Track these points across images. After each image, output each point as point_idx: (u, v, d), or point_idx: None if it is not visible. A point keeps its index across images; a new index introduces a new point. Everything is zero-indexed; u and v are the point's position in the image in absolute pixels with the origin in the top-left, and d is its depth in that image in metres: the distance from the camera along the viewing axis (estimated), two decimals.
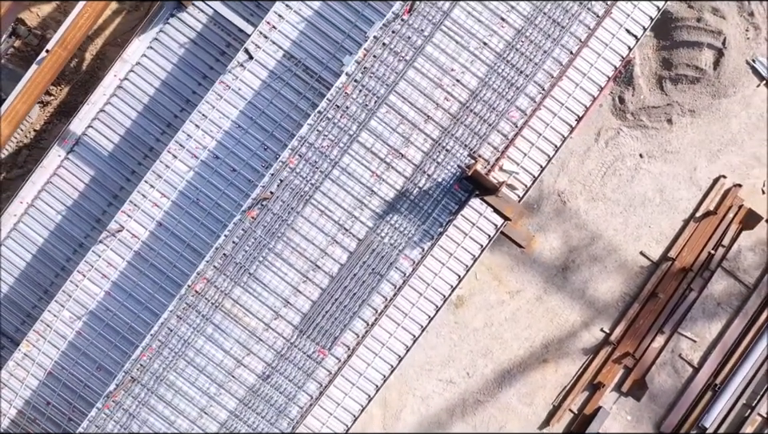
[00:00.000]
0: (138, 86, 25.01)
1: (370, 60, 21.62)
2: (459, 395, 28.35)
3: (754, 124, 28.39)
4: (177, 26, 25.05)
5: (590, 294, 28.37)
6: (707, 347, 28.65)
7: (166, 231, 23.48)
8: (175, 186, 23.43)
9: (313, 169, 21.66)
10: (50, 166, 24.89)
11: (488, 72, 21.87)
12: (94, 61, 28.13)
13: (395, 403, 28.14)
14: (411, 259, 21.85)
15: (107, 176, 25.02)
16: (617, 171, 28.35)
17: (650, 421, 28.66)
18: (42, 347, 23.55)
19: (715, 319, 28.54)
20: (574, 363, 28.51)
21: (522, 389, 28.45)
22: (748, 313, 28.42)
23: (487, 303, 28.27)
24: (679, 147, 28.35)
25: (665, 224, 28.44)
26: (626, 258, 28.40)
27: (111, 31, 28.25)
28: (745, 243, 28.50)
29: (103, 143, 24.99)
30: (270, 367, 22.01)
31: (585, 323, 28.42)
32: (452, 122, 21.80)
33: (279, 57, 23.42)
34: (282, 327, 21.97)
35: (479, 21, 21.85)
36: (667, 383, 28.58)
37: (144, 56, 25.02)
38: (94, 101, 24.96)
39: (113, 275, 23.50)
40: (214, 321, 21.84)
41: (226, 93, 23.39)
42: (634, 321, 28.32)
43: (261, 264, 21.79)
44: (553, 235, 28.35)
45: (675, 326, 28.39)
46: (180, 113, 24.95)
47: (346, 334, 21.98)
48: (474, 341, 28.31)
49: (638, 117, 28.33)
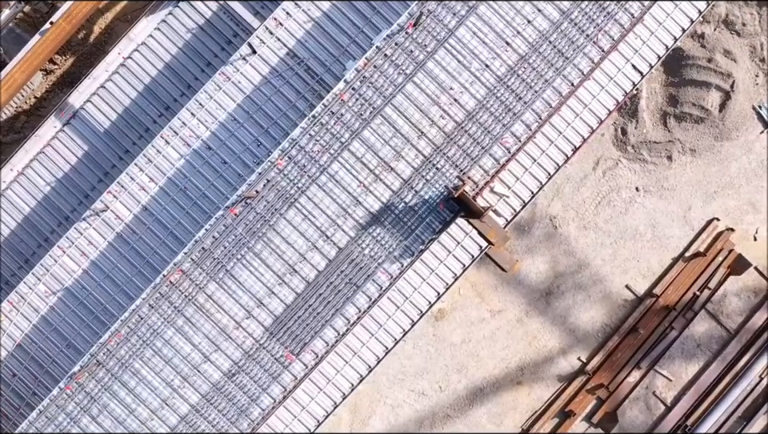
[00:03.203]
0: (141, 65, 24.91)
1: (370, 70, 21.46)
2: (430, 407, 28.28)
3: (753, 170, 28.18)
4: (186, 11, 24.91)
5: (571, 321, 28.24)
6: (682, 388, 28.47)
7: (150, 216, 23.42)
8: (164, 173, 23.36)
9: (301, 172, 21.56)
10: (45, 136, 24.81)
11: (487, 95, 21.70)
12: (101, 34, 28.01)
13: (365, 409, 28.08)
14: (389, 274, 21.74)
15: (100, 153, 24.95)
16: (611, 202, 28.18)
17: None
18: (14, 319, 23.52)
19: (693, 360, 28.38)
20: (548, 389, 28.39)
21: (492, 409, 28.35)
22: (726, 358, 28.25)
23: (468, 319, 28.15)
24: (676, 185, 28.16)
25: (653, 260, 28.27)
26: (610, 289, 28.25)
27: (122, 6, 28.10)
28: (731, 287, 28.30)
29: (100, 119, 24.91)
30: (237, 366, 21.95)
31: (563, 349, 28.29)
32: (445, 141, 21.65)
33: (282, 54, 23.31)
34: (252, 328, 21.91)
35: (484, 42, 21.66)
36: (638, 419, 28.44)
37: (150, 36, 24.90)
38: (96, 76, 24.86)
39: (93, 254, 23.45)
40: (186, 314, 21.78)
41: (226, 84, 23.28)
42: (611, 353, 28.19)
43: (238, 262, 21.71)
44: (540, 258, 28.20)
45: (652, 362, 28.24)
46: (180, 97, 24.85)
47: (316, 341, 21.92)
48: (450, 356, 28.22)
49: (638, 150, 28.14)
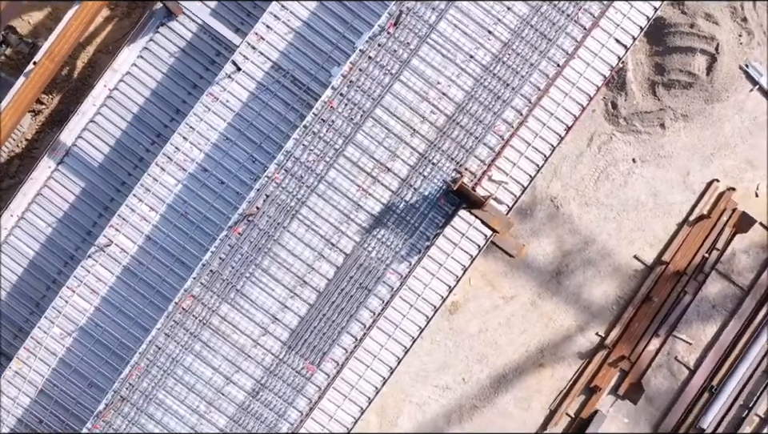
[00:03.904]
0: (128, 95, 24.93)
1: (355, 74, 21.47)
2: (455, 401, 28.31)
3: (746, 128, 28.19)
4: (167, 35, 24.94)
5: (584, 298, 28.26)
6: (703, 350, 28.55)
7: (154, 245, 23.43)
8: (164, 200, 23.36)
9: (299, 184, 21.56)
10: (41, 177, 24.83)
11: (474, 85, 21.69)
12: (85, 69, 28.05)
13: (391, 410, 28.11)
14: (398, 274, 21.75)
15: (97, 188, 24.95)
16: (610, 176, 28.20)
17: (648, 423, 28.59)
18: (33, 365, 23.54)
19: (710, 322, 28.43)
20: (570, 368, 28.43)
21: (518, 394, 28.39)
22: (743, 315, 28.30)
23: (482, 308, 28.19)
24: (672, 152, 28.17)
25: (658, 228, 28.30)
26: (619, 262, 28.28)
27: (102, 39, 28.13)
28: (738, 245, 28.35)
29: (93, 154, 24.92)
30: (260, 384, 21.96)
31: (580, 327, 28.33)
32: (438, 136, 21.65)
33: (267, 68, 23.30)
34: (270, 344, 21.92)
35: (465, 34, 21.66)
36: (664, 386, 28.50)
37: (134, 65, 24.92)
38: (84, 111, 24.88)
39: (102, 291, 23.47)
40: (202, 338, 21.80)
41: (214, 105, 23.27)
42: (629, 325, 28.23)
43: (248, 280, 21.71)
44: (546, 240, 28.23)
45: (670, 329, 28.29)
46: (170, 123, 24.86)
47: (335, 349, 21.92)
48: (469, 347, 28.25)
49: (630, 122, 28.15)
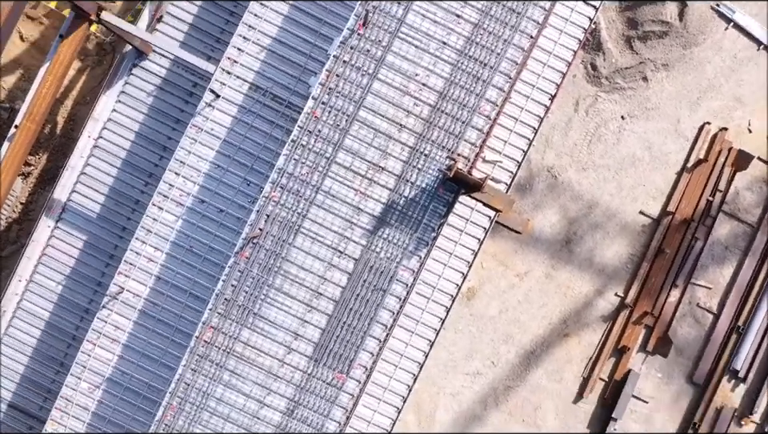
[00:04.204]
0: (113, 142, 24.98)
1: (333, 80, 21.48)
2: (489, 384, 28.32)
3: (728, 67, 28.20)
4: (141, 76, 25.02)
5: (597, 261, 28.28)
6: (723, 292, 28.57)
7: (166, 284, 23.46)
8: (167, 238, 23.40)
9: (297, 198, 21.56)
10: (42, 238, 24.88)
11: (452, 71, 21.69)
12: (66, 123, 28.07)
13: (427, 405, 28.12)
14: (410, 269, 21.75)
15: (99, 238, 25.00)
16: (602, 137, 28.21)
17: (681, 374, 28.60)
18: (68, 424, 23.56)
19: (726, 264, 28.44)
20: (596, 333, 28.44)
21: (549, 367, 28.40)
22: (756, 251, 28.32)
23: (498, 289, 28.20)
24: (659, 103, 28.19)
25: (658, 180, 28.31)
26: (626, 220, 28.29)
27: (78, 91, 28.16)
28: (740, 184, 28.38)
29: (90, 206, 24.97)
30: (293, 402, 21.96)
31: (598, 290, 28.34)
32: (426, 127, 21.64)
33: (246, 90, 23.35)
34: (296, 360, 21.93)
35: (435, 22, 21.67)
36: (691, 335, 28.51)
37: (114, 111, 24.99)
38: (73, 165, 24.92)
39: (122, 338, 23.50)
40: (229, 367, 21.80)
41: (200, 135, 23.31)
42: (646, 280, 28.24)
43: (263, 302, 21.72)
44: (550, 210, 28.24)
45: (688, 277, 28.30)
46: (159, 161, 24.90)
47: (361, 355, 21.92)
48: (492, 329, 28.27)
49: (613, 80, 28.16)
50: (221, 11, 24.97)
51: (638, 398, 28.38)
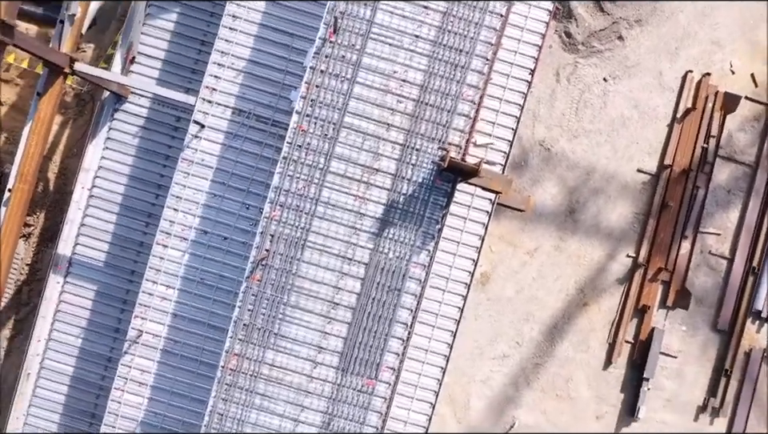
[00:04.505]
0: (107, 189, 25.12)
1: (314, 91, 21.53)
2: (517, 365, 28.34)
3: (701, 11, 28.22)
4: (124, 119, 25.18)
5: (604, 226, 28.30)
6: (733, 236, 28.58)
7: (183, 320, 23.53)
8: (176, 274, 23.46)
9: (297, 213, 21.60)
10: (53, 295, 24.97)
11: (429, 62, 21.73)
12: (58, 178, 28.11)
13: (460, 396, 28.15)
14: (421, 264, 21.78)
15: (110, 285, 25.10)
16: (587, 102, 28.24)
17: (705, 324, 28.61)
18: None
19: (731, 207, 28.46)
20: (614, 297, 28.45)
21: (573, 338, 28.41)
22: (759, 190, 28.32)
23: (511, 270, 28.23)
24: (638, 59, 28.21)
25: (651, 136, 28.33)
26: (625, 180, 28.31)
27: (65, 144, 28.20)
28: (732, 125, 28.41)
29: (95, 255, 25.08)
30: (328, 415, 21.98)
31: (609, 255, 28.36)
32: (413, 122, 21.69)
33: (229, 115, 23.43)
34: (324, 373, 21.95)
35: (404, 17, 21.71)
36: (708, 283, 28.53)
37: (103, 158, 25.12)
38: (72, 218, 25.03)
39: (149, 380, 23.55)
40: (259, 391, 21.82)
41: (192, 168, 23.39)
42: (655, 236, 28.24)
43: (282, 321, 21.76)
44: (548, 183, 28.27)
45: (695, 227, 28.31)
46: (156, 200, 24.99)
47: (386, 357, 21.93)
48: (511, 310, 28.28)
49: (589, 45, 28.18)
50: (191, 42, 25.08)
51: (666, 354, 28.38)
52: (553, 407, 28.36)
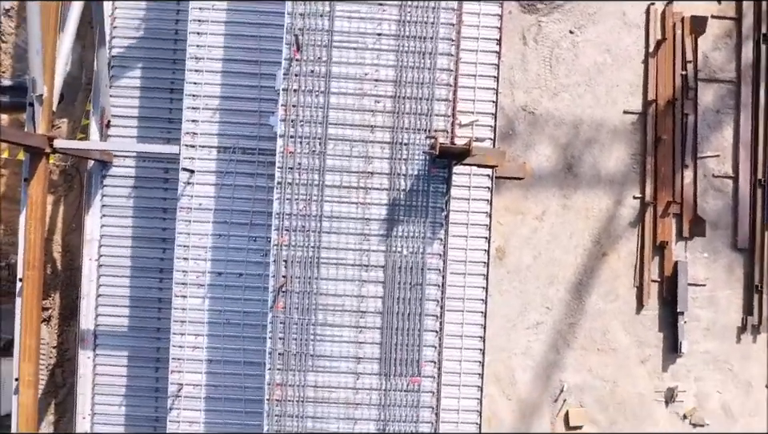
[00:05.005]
0: (114, 255, 25.20)
1: (292, 112, 21.60)
2: (552, 329, 28.39)
3: None
4: (114, 183, 25.27)
5: (604, 174, 28.37)
6: (732, 154, 28.65)
7: (218, 364, 23.54)
8: (201, 322, 23.49)
9: (305, 234, 21.65)
10: (87, 371, 25.05)
11: (396, 56, 21.80)
12: (64, 256, 28.19)
13: (504, 372, 28.20)
14: (437, 254, 21.83)
15: (140, 347, 25.19)
16: (559, 58, 28.30)
17: (726, 245, 28.67)
18: None
19: (723, 126, 28.54)
20: (630, 240, 28.51)
21: (600, 290, 28.47)
22: (747, 103, 28.38)
23: (523, 238, 28.29)
24: (599, 5, 28.26)
25: (629, 75, 28.40)
26: (614, 124, 28.38)
27: (62, 222, 28.26)
28: (705, 47, 28.48)
29: (118, 322, 25.18)
30: (382, 421, 22.00)
31: (616, 201, 28.41)
32: (395, 118, 21.75)
33: (215, 155, 23.47)
34: (368, 382, 21.96)
35: (362, 19, 21.76)
36: (718, 206, 28.58)
37: (103, 226, 25.19)
38: (86, 292, 25.10)
39: (201, 429, 23.58)
40: (309, 414, 21.85)
41: (191, 215, 23.43)
42: (656, 172, 28.29)
43: (315, 341, 21.81)
44: (540, 145, 28.34)
45: (693, 154, 28.37)
46: (164, 254, 25.09)
47: (424, 351, 21.97)
48: (534, 277, 28.35)
49: (548, 1, 28.26)
50: (161, 93, 25.20)
51: (695, 284, 28.43)
52: (597, 362, 28.42)
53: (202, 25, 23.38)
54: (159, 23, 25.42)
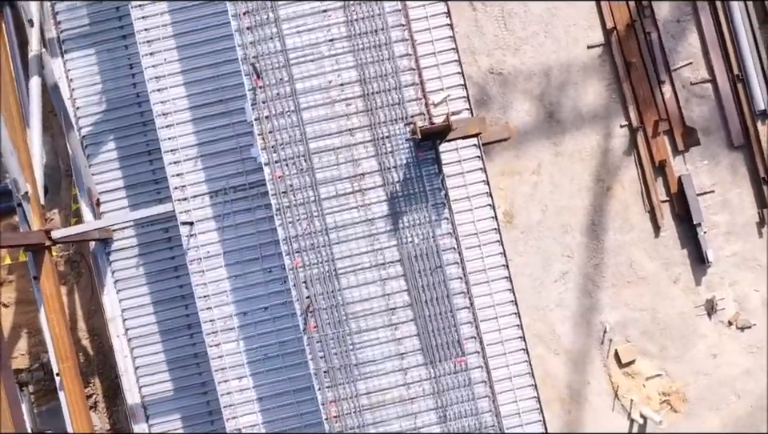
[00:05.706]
0: (140, 325, 25.49)
1: (270, 138, 21.74)
2: (579, 274, 28.46)
3: None
4: (119, 257, 25.53)
5: (586, 112, 28.46)
6: (703, 56, 28.68)
7: (269, 399, 23.72)
8: (241, 364, 23.64)
9: (316, 251, 21.79)
10: None
11: (354, 56, 21.94)
12: (92, 341, 28.38)
13: (544, 329, 28.28)
14: (447, 233, 21.95)
15: (189, 406, 25.44)
16: (511, 13, 28.40)
17: (722, 148, 28.69)
18: None
19: (687, 33, 28.59)
20: (629, 168, 28.56)
21: (614, 224, 28.55)
22: (704, 5, 28.43)
23: (527, 196, 28.39)
24: None
25: (584, 11, 28.46)
26: (582, 61, 28.48)
27: (81, 308, 28.44)
28: None
29: (162, 389, 25.41)
30: (441, 409, 22.11)
31: (605, 135, 28.49)
32: (369, 116, 21.87)
33: (209, 201, 23.62)
34: (416, 374, 22.06)
35: (311, 30, 21.91)
36: (705, 112, 28.62)
37: (121, 301, 25.39)
38: (124, 369, 25.32)
39: None
40: (368, 421, 21.98)
41: (202, 265, 23.57)
42: (635, 96, 28.36)
43: (354, 350, 21.94)
44: (517, 102, 28.45)
45: (666, 68, 28.43)
46: (187, 310, 25.30)
47: (462, 329, 22.08)
48: (546, 229, 28.43)
49: None
50: (139, 157, 25.52)
51: (703, 193, 28.47)
52: (631, 295, 28.50)
53: (160, 81, 23.56)
54: (118, 91, 25.69)
